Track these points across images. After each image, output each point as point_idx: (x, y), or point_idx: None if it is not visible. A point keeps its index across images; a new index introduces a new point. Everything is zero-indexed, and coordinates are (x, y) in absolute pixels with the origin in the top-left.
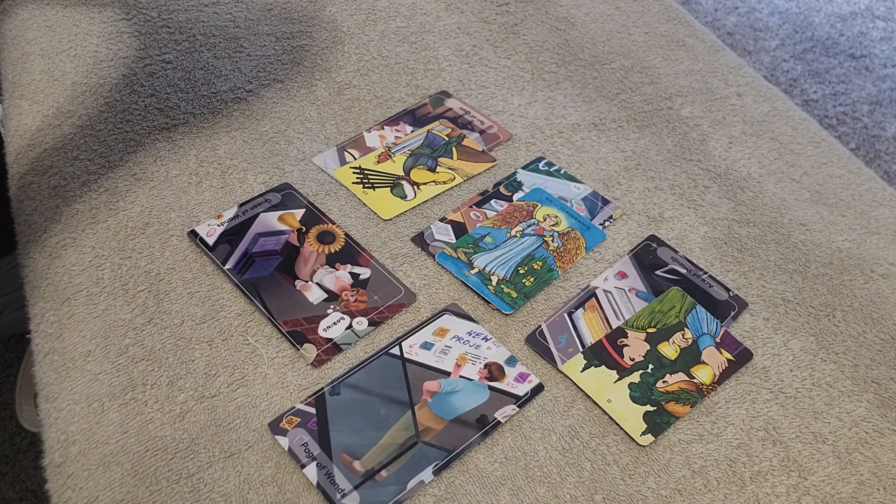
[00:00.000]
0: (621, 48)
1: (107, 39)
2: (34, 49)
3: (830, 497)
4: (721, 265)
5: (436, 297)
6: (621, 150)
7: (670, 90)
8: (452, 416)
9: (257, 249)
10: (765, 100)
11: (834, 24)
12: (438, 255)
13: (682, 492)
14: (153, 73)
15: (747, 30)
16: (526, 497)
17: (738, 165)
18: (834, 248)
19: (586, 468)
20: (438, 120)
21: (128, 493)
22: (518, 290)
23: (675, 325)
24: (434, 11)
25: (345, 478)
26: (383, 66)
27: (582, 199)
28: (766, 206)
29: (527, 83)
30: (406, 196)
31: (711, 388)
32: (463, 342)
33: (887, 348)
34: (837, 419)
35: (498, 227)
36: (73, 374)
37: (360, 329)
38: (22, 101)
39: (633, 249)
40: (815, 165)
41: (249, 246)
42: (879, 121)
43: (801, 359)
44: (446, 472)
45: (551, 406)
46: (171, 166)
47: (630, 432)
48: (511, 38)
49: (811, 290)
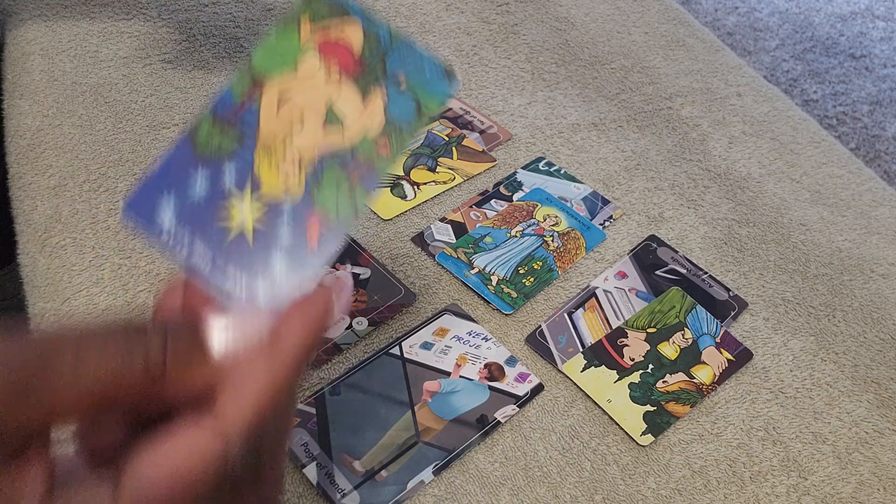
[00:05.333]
0: (621, 48)
1: (107, 39)
2: (34, 49)
3: (830, 497)
4: (721, 265)
5: (436, 297)
6: (621, 150)
7: (670, 90)
8: (452, 416)
9: None
10: (765, 100)
11: (834, 24)
12: (438, 255)
13: (682, 492)
14: (153, 73)
15: (747, 30)
16: (526, 497)
17: (738, 165)
18: (834, 248)
19: (586, 468)
20: (438, 120)
21: None
22: (518, 290)
23: (675, 325)
24: (434, 11)
25: (345, 478)
26: None
27: (582, 199)
28: (766, 206)
29: (527, 83)
30: (406, 196)
31: (711, 388)
32: (463, 342)
33: (887, 348)
34: (837, 419)
35: (498, 227)
36: None
37: (359, 329)
38: (22, 101)
39: (633, 249)
40: (815, 165)
41: None
42: (879, 121)
43: (801, 359)
44: (446, 472)
45: (551, 406)
46: None
47: (630, 432)
48: (511, 38)
49: (811, 290)
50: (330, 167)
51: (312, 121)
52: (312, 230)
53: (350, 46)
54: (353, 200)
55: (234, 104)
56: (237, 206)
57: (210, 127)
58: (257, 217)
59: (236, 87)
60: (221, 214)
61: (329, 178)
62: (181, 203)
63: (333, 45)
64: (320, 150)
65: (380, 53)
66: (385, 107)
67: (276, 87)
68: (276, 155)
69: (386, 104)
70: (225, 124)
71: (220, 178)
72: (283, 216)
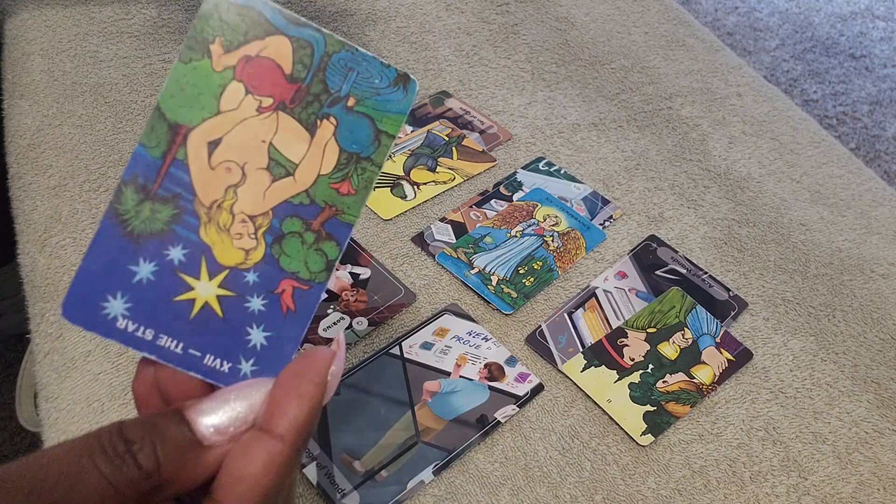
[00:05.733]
0: (621, 48)
1: (107, 39)
2: (34, 49)
3: (830, 497)
4: (721, 265)
5: (436, 297)
6: (621, 150)
7: (670, 90)
8: (452, 416)
9: None
10: (765, 100)
11: (834, 24)
12: (438, 255)
13: (682, 492)
14: (153, 73)
15: (747, 30)
16: (526, 497)
17: (738, 165)
18: (834, 248)
19: (586, 468)
20: (438, 120)
21: None
22: (518, 290)
23: (675, 325)
24: (434, 11)
25: (345, 478)
26: None
27: (582, 199)
28: (766, 206)
29: (527, 83)
30: (406, 196)
31: (711, 388)
32: (463, 342)
33: (887, 348)
34: (837, 419)
35: (498, 227)
36: (73, 374)
37: (360, 329)
38: (22, 101)
39: (633, 249)
40: (815, 165)
41: None
42: (879, 121)
43: (801, 359)
44: (446, 472)
45: (551, 406)
46: None
47: (630, 432)
48: (511, 38)
49: (811, 290)
50: (288, 222)
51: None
52: (286, 295)
53: (278, 64)
54: (323, 252)
55: (155, 163)
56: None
57: (134, 195)
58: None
59: (151, 141)
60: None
61: (290, 235)
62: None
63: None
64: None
65: (316, 67)
66: (335, 134)
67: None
68: (221, 218)
69: (335, 131)
70: (151, 191)
71: (165, 256)
72: (249, 286)
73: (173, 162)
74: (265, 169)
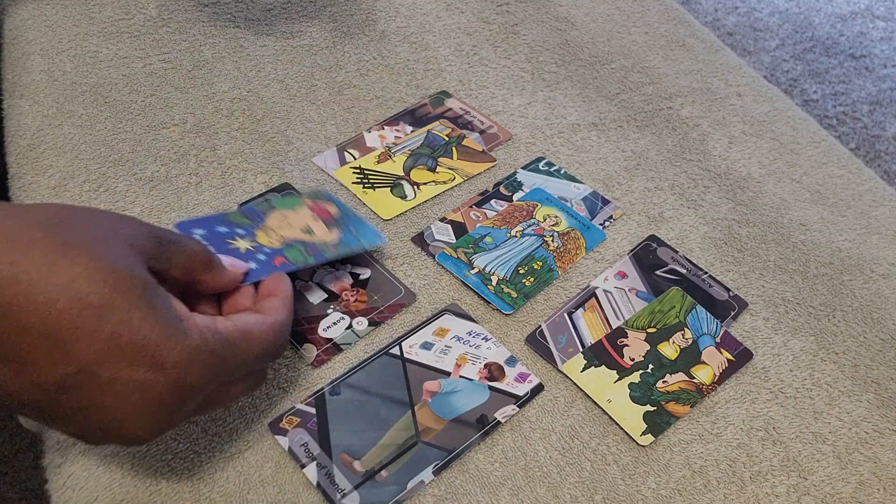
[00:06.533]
0: (621, 48)
1: (107, 39)
2: (34, 49)
3: (830, 497)
4: (721, 265)
5: (436, 297)
6: (621, 150)
7: (670, 90)
8: (452, 416)
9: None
10: (765, 100)
11: (834, 24)
12: (438, 255)
13: (682, 492)
14: (153, 73)
15: (747, 30)
16: (526, 497)
17: (738, 165)
18: (834, 248)
19: (586, 468)
20: (438, 120)
21: (128, 493)
22: (518, 290)
23: (675, 325)
24: (434, 11)
25: (345, 478)
26: (383, 66)
27: (582, 199)
28: (766, 206)
29: (527, 83)
30: (406, 196)
31: (711, 388)
32: (463, 342)
33: (887, 348)
34: (837, 419)
35: (498, 227)
36: None
37: (360, 329)
38: (22, 101)
39: (633, 249)
40: (815, 165)
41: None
42: (879, 121)
43: (801, 359)
44: (446, 472)
45: (551, 406)
46: (171, 166)
47: (630, 432)
48: (511, 38)
49: (811, 290)
50: (297, 244)
51: (296, 227)
52: (276, 262)
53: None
54: (305, 259)
55: (255, 211)
56: (239, 241)
57: (236, 213)
58: (248, 247)
59: (259, 206)
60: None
61: (295, 247)
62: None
63: (318, 209)
64: (295, 237)
65: (343, 219)
66: (339, 237)
67: (280, 212)
68: (270, 234)
69: (340, 237)
70: (244, 215)
71: (235, 230)
72: (262, 252)
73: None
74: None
